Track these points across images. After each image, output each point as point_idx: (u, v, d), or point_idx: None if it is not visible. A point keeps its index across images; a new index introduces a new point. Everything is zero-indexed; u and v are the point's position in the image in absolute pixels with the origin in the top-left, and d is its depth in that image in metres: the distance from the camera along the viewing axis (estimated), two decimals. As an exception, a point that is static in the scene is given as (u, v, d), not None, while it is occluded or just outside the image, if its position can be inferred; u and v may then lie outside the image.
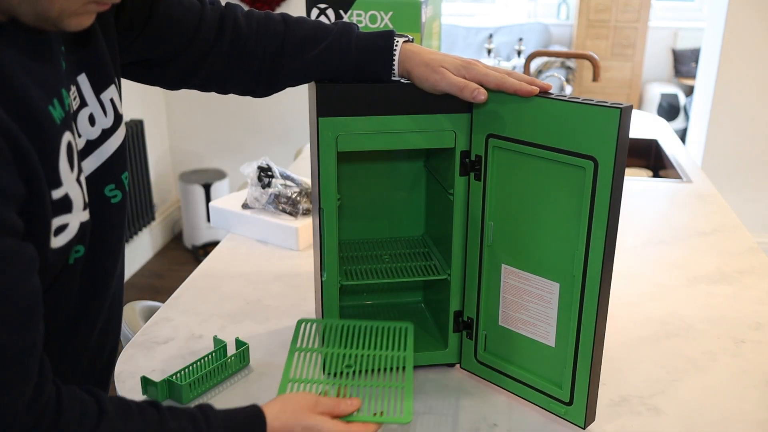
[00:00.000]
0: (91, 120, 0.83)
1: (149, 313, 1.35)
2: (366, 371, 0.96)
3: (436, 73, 0.95)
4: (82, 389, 0.71)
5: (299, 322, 1.01)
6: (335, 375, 1.03)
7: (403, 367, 0.94)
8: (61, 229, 0.72)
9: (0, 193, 0.60)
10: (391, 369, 0.94)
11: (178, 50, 0.97)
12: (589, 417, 1.00)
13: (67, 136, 0.72)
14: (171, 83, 1.02)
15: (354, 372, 0.97)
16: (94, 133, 0.83)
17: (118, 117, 0.87)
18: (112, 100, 0.86)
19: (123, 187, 0.89)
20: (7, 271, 0.60)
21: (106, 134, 0.85)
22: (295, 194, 1.61)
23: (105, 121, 0.85)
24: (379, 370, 0.95)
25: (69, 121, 0.74)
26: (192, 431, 0.74)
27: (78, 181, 0.75)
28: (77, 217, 0.75)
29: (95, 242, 0.84)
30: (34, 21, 0.67)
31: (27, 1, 0.64)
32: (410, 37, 1.01)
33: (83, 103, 0.82)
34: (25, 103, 0.66)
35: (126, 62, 0.94)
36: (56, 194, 0.70)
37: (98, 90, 0.84)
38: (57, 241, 0.72)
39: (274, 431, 0.79)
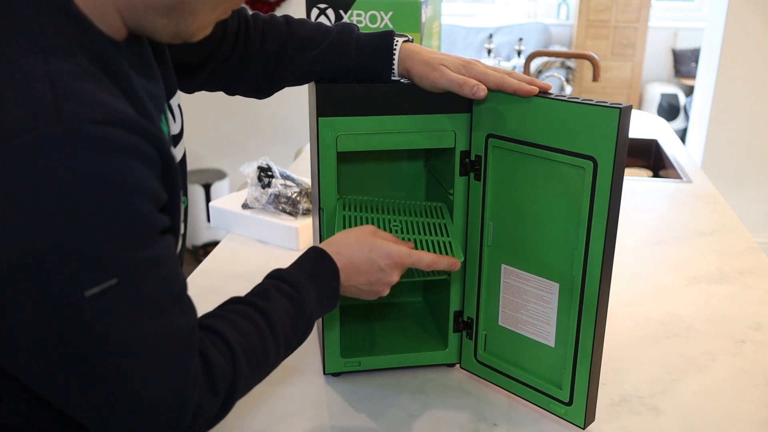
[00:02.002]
0: None
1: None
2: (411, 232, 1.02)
3: (435, 71, 0.95)
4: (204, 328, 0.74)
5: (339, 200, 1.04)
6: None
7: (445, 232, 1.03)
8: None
9: (155, 199, 0.62)
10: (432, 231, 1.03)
11: (205, 57, 0.98)
12: (588, 417, 1.00)
13: (173, 151, 0.73)
14: (187, 88, 1.03)
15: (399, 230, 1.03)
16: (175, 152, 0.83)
17: (182, 123, 0.88)
18: (179, 106, 0.87)
19: (186, 194, 0.89)
20: (168, 261, 0.64)
21: (175, 140, 0.85)
22: (295, 194, 1.61)
23: (174, 127, 0.85)
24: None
25: (170, 136, 0.76)
26: (288, 305, 0.81)
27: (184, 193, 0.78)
28: (179, 229, 0.77)
29: None
30: (168, 38, 0.69)
31: (171, 24, 0.67)
32: (410, 37, 1.01)
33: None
34: (149, 112, 0.67)
35: None
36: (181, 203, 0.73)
37: (169, 95, 0.84)
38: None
39: (347, 252, 0.89)
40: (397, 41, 0.98)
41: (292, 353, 0.84)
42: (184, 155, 0.89)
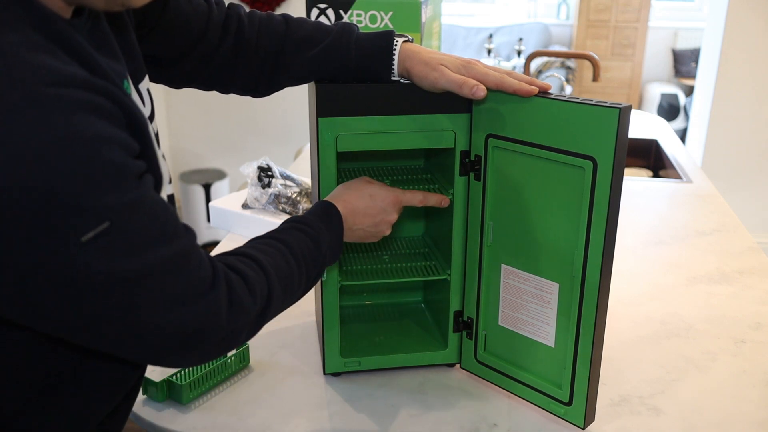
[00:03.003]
0: None
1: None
2: None
3: (435, 71, 0.95)
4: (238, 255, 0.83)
5: None
6: None
7: None
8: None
9: (122, 145, 0.65)
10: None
11: (186, 49, 0.98)
12: (588, 417, 1.00)
13: (145, 118, 0.77)
14: (175, 82, 1.04)
15: None
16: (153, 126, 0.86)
17: (153, 107, 0.90)
18: (148, 90, 0.90)
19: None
20: (153, 196, 0.69)
21: None
22: (295, 194, 1.61)
23: (145, 111, 0.87)
24: None
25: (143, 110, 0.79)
26: (306, 239, 0.90)
27: (163, 157, 0.81)
28: (165, 191, 0.82)
29: None
30: (104, 5, 0.70)
31: None
32: (410, 37, 1.01)
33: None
34: (114, 82, 0.71)
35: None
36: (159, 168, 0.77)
37: (137, 81, 0.86)
38: None
39: (350, 200, 0.98)
40: (396, 41, 0.98)
41: (311, 287, 0.92)
42: (156, 137, 0.91)
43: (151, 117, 0.89)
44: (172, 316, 0.69)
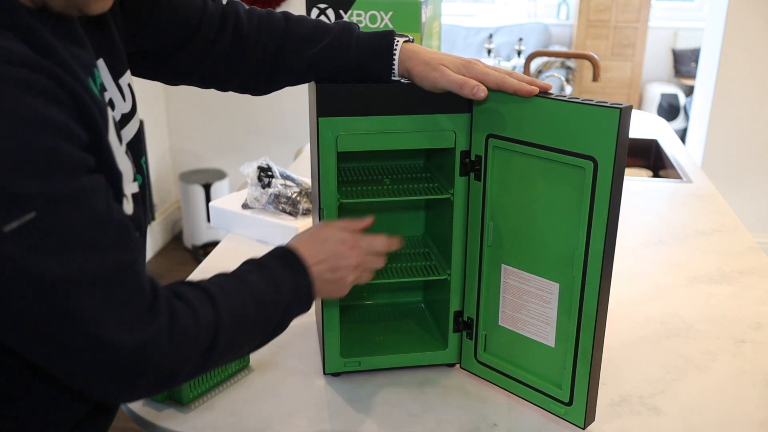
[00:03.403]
0: (111, 105, 0.84)
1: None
2: None
3: (435, 71, 0.95)
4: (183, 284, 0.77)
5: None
6: None
7: None
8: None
9: (68, 133, 0.62)
10: None
11: (179, 43, 0.98)
12: (588, 417, 1.00)
13: (110, 112, 0.75)
14: (171, 78, 1.03)
15: None
16: (114, 117, 0.84)
17: (134, 102, 0.89)
18: (129, 85, 0.88)
19: (143, 171, 0.90)
20: (95, 198, 0.64)
21: (126, 119, 0.87)
22: (295, 194, 1.61)
23: (124, 106, 0.86)
24: None
25: (102, 95, 0.76)
26: (261, 276, 0.84)
27: (126, 153, 0.78)
28: (130, 188, 0.78)
29: None
30: (63, 7, 0.69)
31: None
32: (410, 37, 1.01)
33: (103, 88, 0.83)
34: (71, 70, 0.68)
35: (128, 53, 0.94)
36: (114, 160, 0.73)
37: (116, 75, 0.85)
38: (128, 208, 0.78)
39: (303, 247, 0.90)
40: (397, 41, 0.98)
41: (278, 332, 0.86)
42: (138, 131, 0.90)
43: (132, 112, 0.87)
44: (102, 337, 0.64)
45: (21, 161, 0.58)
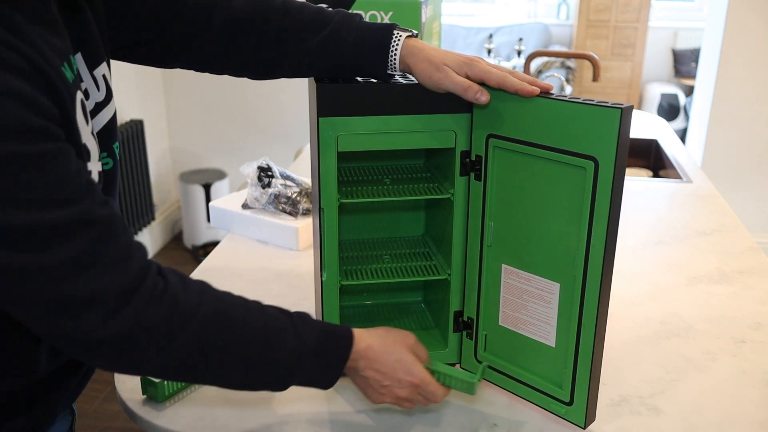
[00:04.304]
0: (86, 94, 0.87)
1: (149, 313, 1.35)
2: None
3: (439, 72, 0.95)
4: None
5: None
6: None
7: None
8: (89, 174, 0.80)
9: (28, 102, 0.67)
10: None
11: (163, 26, 0.99)
12: (589, 417, 1.00)
13: (79, 95, 0.78)
14: (159, 61, 1.04)
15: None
16: (88, 106, 0.87)
17: (109, 92, 0.91)
18: (104, 77, 0.90)
19: (114, 156, 0.93)
20: (58, 161, 0.69)
21: (99, 107, 0.90)
22: (295, 194, 1.61)
23: (98, 95, 0.89)
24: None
25: (78, 83, 0.79)
26: (284, 320, 0.85)
27: (92, 134, 0.82)
28: (95, 166, 0.82)
29: None
30: None
31: None
32: (414, 32, 1.00)
33: (79, 79, 0.85)
34: (43, 53, 0.71)
35: (117, 43, 0.97)
36: (80, 140, 0.77)
37: (91, 67, 0.88)
38: None
39: (364, 353, 0.89)
40: (399, 36, 0.98)
41: (262, 382, 0.85)
42: (112, 119, 0.93)
43: (106, 101, 0.90)
44: (71, 282, 0.69)
45: None
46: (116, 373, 0.94)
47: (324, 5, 1.08)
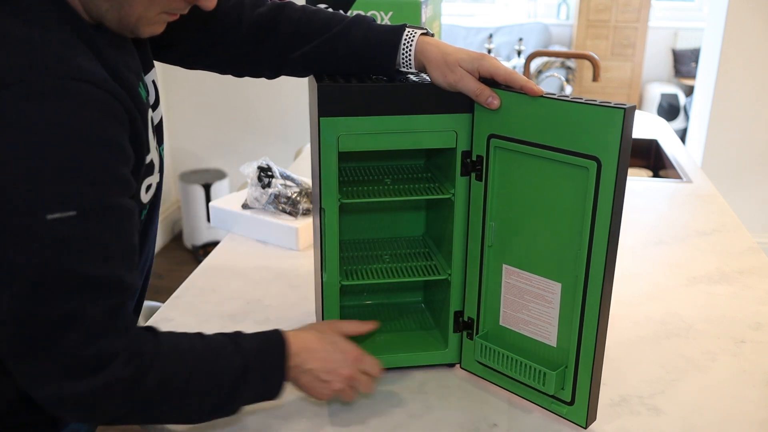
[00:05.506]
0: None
1: (149, 314, 1.35)
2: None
3: (454, 74, 0.96)
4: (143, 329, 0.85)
5: None
6: None
7: None
8: (149, 188, 0.90)
9: (122, 155, 0.75)
10: None
11: (198, 27, 1.03)
12: (590, 417, 1.00)
13: (150, 113, 0.87)
14: (184, 61, 1.09)
15: None
16: (153, 119, 0.93)
17: (158, 96, 0.97)
18: (154, 82, 0.96)
19: (161, 158, 0.99)
20: (126, 221, 0.76)
21: (152, 108, 0.94)
22: (295, 194, 1.61)
23: (149, 99, 0.93)
24: None
25: (149, 102, 0.88)
26: (223, 340, 0.89)
27: (157, 149, 0.92)
28: (155, 178, 0.92)
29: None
30: (117, 26, 0.80)
31: (113, 9, 0.78)
32: (428, 30, 1.02)
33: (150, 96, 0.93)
34: (124, 78, 0.79)
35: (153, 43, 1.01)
36: (147, 159, 0.86)
37: (145, 71, 0.93)
38: (146, 197, 0.90)
39: (302, 346, 0.93)
40: (414, 33, 1.00)
41: (223, 408, 0.90)
42: (160, 121, 1.00)
43: (155, 105, 0.95)
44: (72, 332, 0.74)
45: (73, 166, 0.69)
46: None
47: (323, 4, 1.09)
